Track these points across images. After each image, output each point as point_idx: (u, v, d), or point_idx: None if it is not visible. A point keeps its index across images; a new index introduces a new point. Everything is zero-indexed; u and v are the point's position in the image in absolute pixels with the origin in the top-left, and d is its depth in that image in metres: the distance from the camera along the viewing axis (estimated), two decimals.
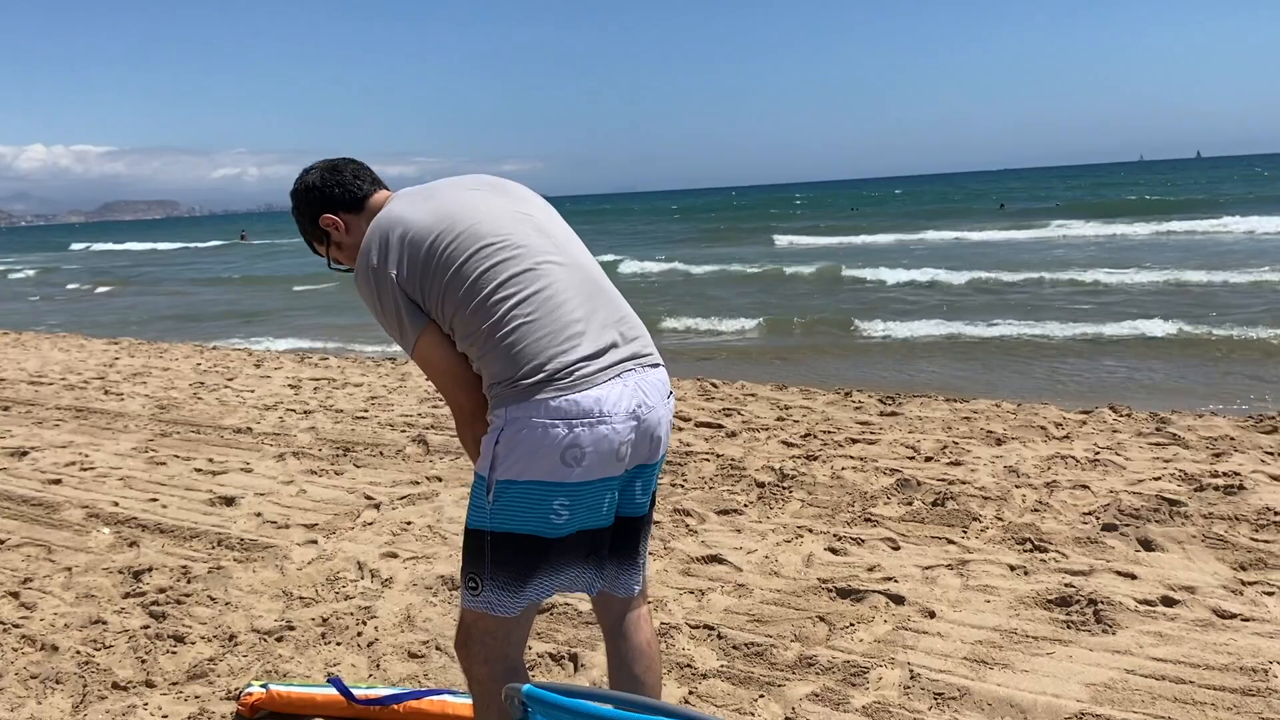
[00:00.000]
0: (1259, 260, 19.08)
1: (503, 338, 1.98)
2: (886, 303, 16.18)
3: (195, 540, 4.59)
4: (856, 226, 38.68)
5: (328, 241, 2.28)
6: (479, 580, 2.04)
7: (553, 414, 1.93)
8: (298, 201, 2.29)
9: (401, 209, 2.11)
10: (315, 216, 2.27)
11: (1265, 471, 4.93)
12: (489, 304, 1.99)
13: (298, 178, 2.31)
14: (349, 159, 2.30)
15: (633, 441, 2.02)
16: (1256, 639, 3.13)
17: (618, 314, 2.11)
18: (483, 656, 2.07)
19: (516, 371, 1.96)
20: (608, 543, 2.16)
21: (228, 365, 10.32)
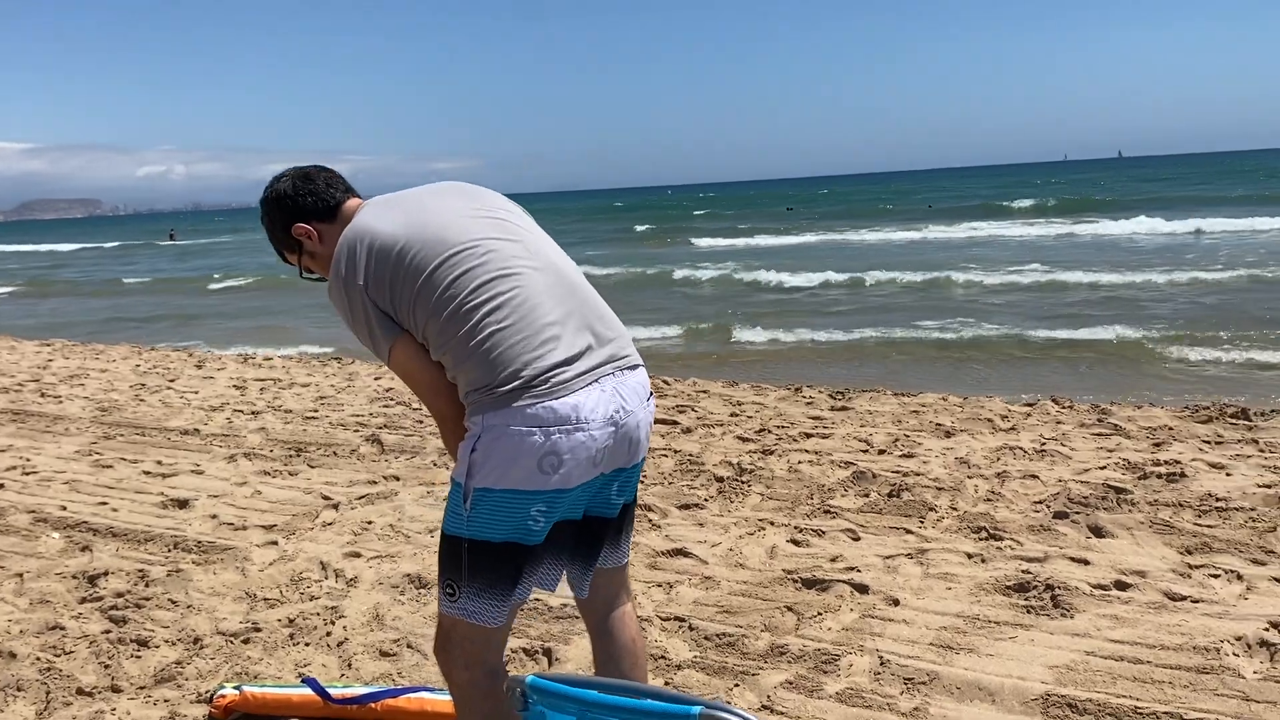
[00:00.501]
0: (1129, 261, 19.49)
1: (477, 345, 1.96)
2: (776, 306, 16.25)
3: (150, 543, 4.51)
4: (778, 228, 38.86)
5: (300, 250, 2.25)
6: (456, 586, 2.03)
7: (529, 421, 1.92)
8: (269, 210, 2.26)
9: (369, 219, 2.10)
10: (287, 225, 2.23)
11: (1204, 459, 5.11)
12: (461, 311, 1.98)
13: (268, 185, 2.28)
14: (320, 166, 2.28)
15: (610, 447, 2.02)
16: (1206, 619, 3.26)
17: (593, 315, 2.10)
18: (463, 661, 2.06)
19: (493, 378, 1.95)
20: (571, 538, 2.17)
21: (168, 366, 10.12)
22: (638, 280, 22.17)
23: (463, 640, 2.06)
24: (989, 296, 15.98)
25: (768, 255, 27.23)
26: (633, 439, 2.07)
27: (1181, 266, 17.65)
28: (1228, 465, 4.99)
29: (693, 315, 15.13)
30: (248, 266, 31.88)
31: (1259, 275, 15.92)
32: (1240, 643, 3.07)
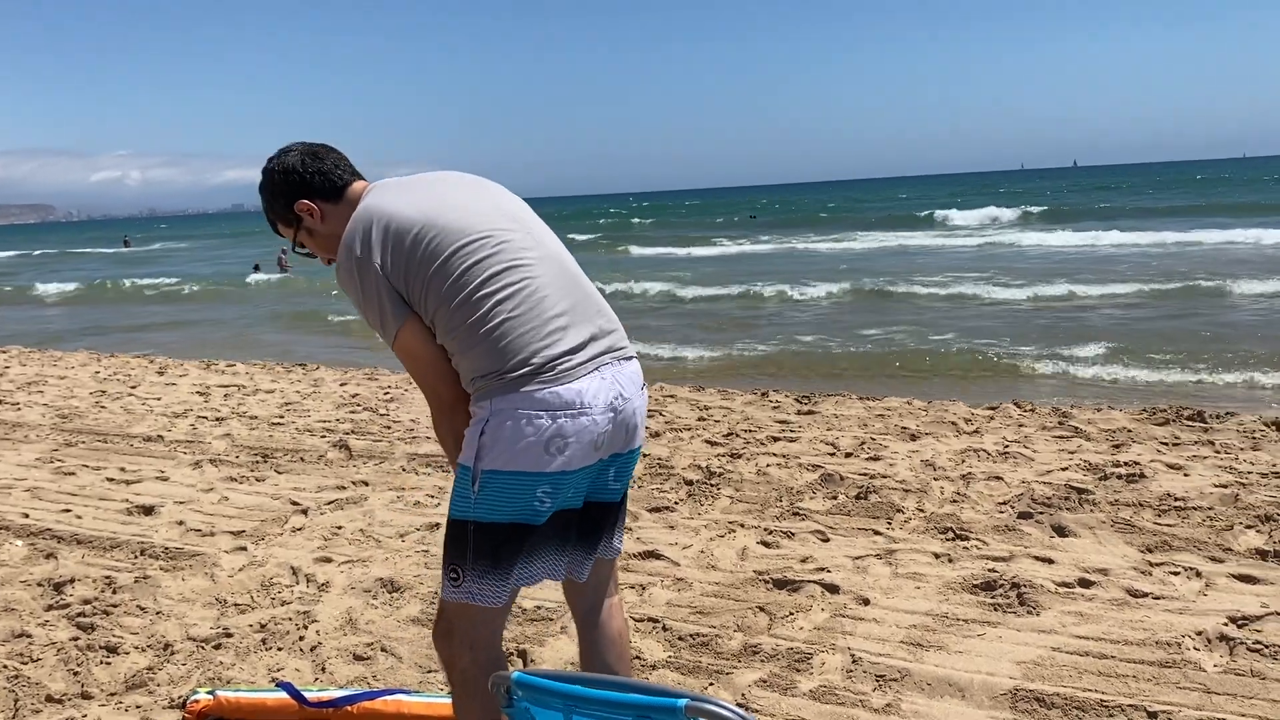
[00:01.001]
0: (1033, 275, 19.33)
1: (488, 333, 2.01)
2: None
3: (116, 550, 4.46)
4: (704, 239, 38.87)
5: (298, 226, 2.26)
6: (460, 570, 2.07)
7: (537, 405, 1.99)
8: (273, 181, 2.24)
9: (384, 201, 2.13)
10: (290, 200, 2.23)
11: (1162, 460, 5.23)
12: (473, 299, 2.03)
13: (274, 156, 2.27)
14: (329, 146, 2.29)
15: (609, 432, 2.08)
16: (1168, 615, 3.34)
17: (595, 308, 2.17)
18: (467, 645, 2.09)
19: (502, 365, 2.01)
20: (575, 526, 2.21)
21: (129, 373, 9.99)
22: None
23: (466, 624, 2.10)
24: (799, 310, 16.19)
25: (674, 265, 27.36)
26: (630, 424, 2.14)
27: (1053, 279, 17.63)
28: (1185, 466, 5.10)
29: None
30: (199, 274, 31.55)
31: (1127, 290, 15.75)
32: (1200, 637, 3.15)
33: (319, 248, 2.27)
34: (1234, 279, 15.57)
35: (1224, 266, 18.11)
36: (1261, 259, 19.69)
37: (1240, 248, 22.47)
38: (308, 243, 2.28)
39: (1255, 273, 16.42)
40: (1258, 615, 3.28)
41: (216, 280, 28.07)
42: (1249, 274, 16.18)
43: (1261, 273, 16.38)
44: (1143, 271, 18.50)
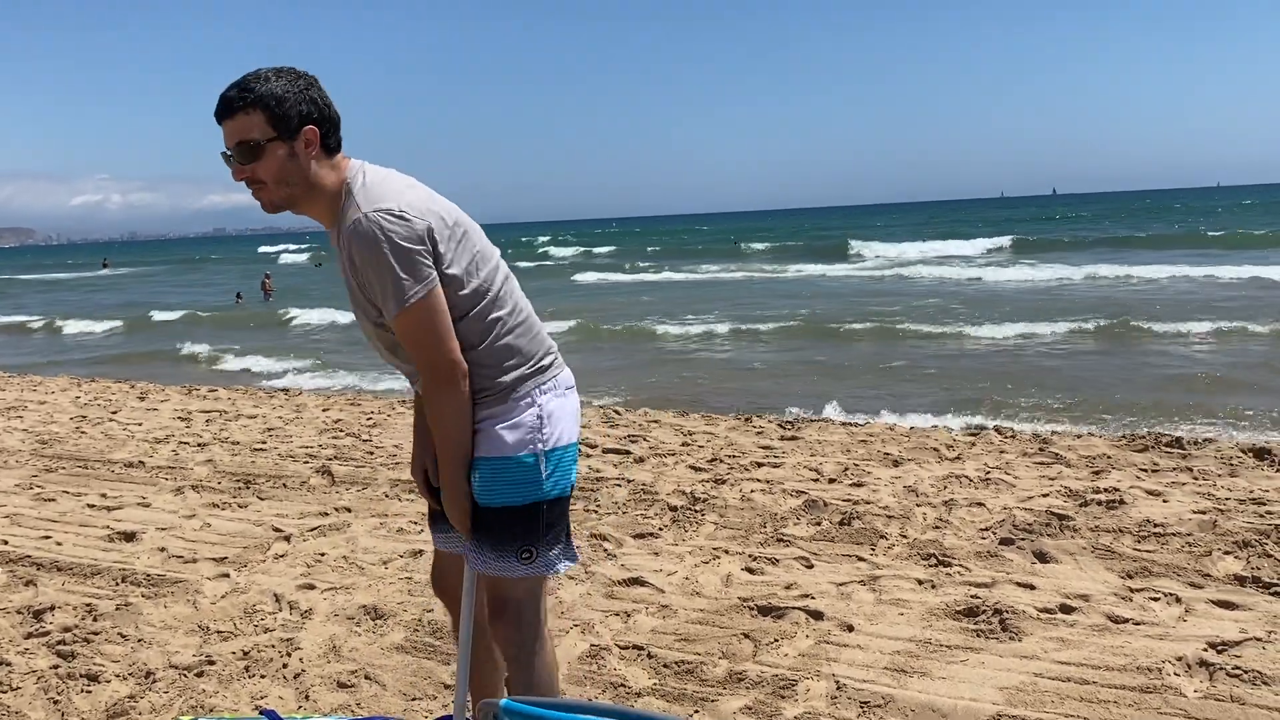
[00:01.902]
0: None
1: (514, 326, 2.23)
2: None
3: (97, 577, 4.43)
4: (656, 266, 39.34)
5: (286, 141, 2.09)
6: (534, 549, 2.23)
7: (567, 383, 2.32)
8: (301, 85, 2.11)
9: (425, 194, 2.19)
10: (305, 119, 2.10)
11: (1141, 487, 5.28)
12: (499, 297, 2.22)
13: (299, 71, 2.16)
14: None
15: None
16: (1148, 641, 3.37)
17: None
18: (535, 618, 2.28)
19: (536, 353, 2.26)
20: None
21: (110, 398, 9.94)
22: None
23: (534, 601, 2.28)
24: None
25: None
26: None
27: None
28: (1164, 492, 5.15)
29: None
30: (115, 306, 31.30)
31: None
32: (1181, 663, 3.18)
33: (278, 177, 2.10)
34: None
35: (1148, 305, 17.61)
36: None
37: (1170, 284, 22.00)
38: (271, 163, 2.09)
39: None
40: (1237, 641, 3.31)
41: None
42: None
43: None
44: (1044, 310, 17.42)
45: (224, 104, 2.09)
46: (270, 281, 30.82)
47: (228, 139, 2.10)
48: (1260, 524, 4.52)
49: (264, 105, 2.07)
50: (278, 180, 2.11)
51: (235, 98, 2.08)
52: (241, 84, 2.09)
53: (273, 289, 30.16)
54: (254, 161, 2.09)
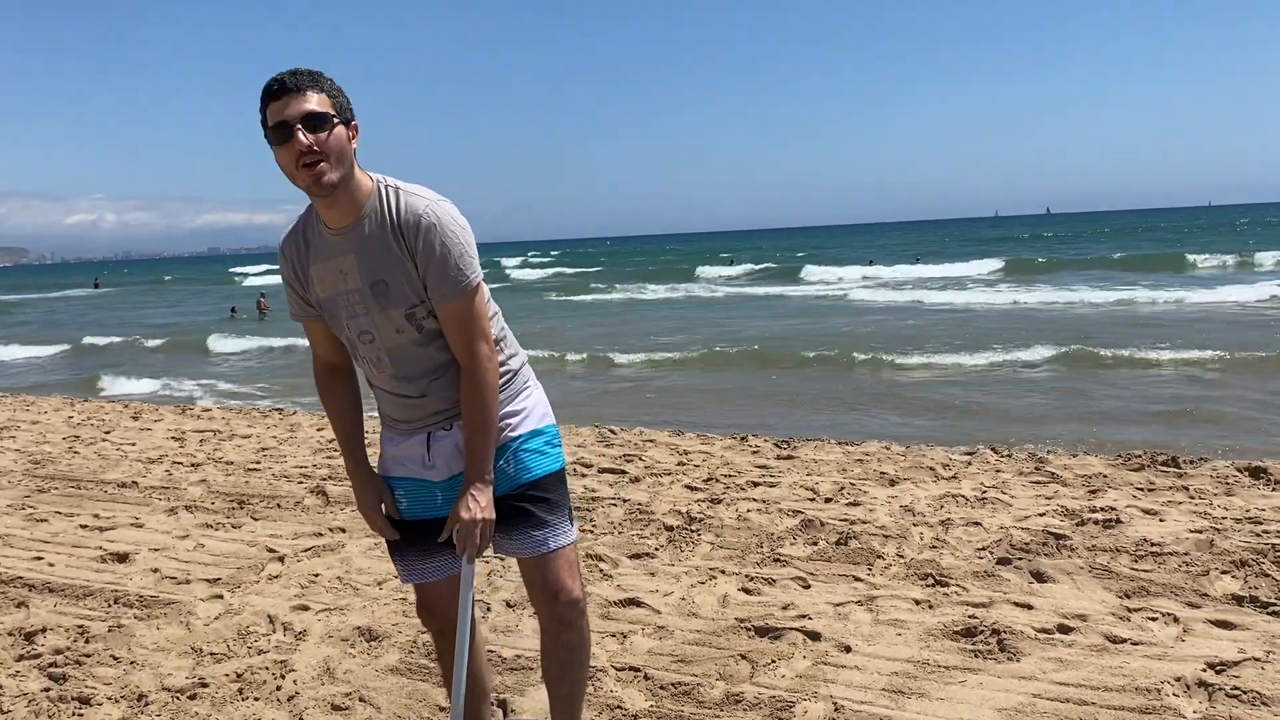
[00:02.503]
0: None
1: (504, 325, 2.48)
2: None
3: (90, 599, 4.40)
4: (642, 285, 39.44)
5: (349, 128, 2.18)
6: (571, 510, 2.49)
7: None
8: (340, 93, 2.19)
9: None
10: (351, 112, 2.21)
11: (1138, 506, 5.27)
12: (491, 298, 2.44)
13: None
14: None
15: None
16: (1147, 661, 3.36)
17: None
18: (583, 586, 2.50)
19: (520, 348, 2.53)
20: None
21: (103, 418, 9.90)
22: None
23: (578, 560, 2.51)
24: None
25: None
26: None
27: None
28: (1161, 511, 5.15)
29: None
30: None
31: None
32: (1179, 683, 3.16)
33: (339, 154, 2.13)
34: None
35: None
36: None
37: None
38: (336, 139, 2.12)
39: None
40: (1235, 661, 3.30)
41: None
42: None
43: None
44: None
45: (287, 82, 2.10)
46: (265, 301, 30.80)
47: (291, 111, 2.08)
48: (1257, 543, 4.51)
49: (327, 90, 2.14)
50: (339, 156, 2.13)
51: (303, 75, 2.12)
52: (300, 70, 2.14)
53: (268, 309, 30.14)
54: (322, 132, 2.10)
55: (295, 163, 2.09)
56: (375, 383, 2.41)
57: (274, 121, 2.09)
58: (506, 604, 4.12)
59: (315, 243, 2.29)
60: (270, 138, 2.11)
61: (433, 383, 2.33)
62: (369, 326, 2.28)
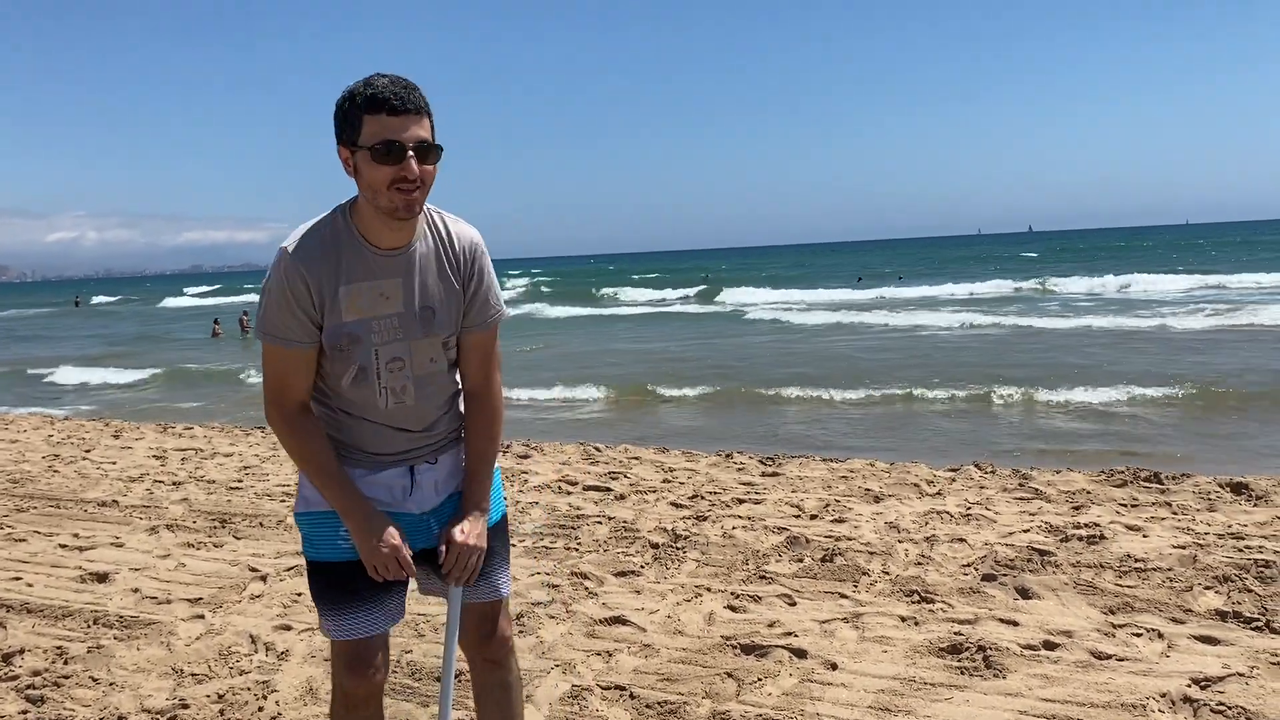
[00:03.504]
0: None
1: None
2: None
3: (69, 619, 4.35)
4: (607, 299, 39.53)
5: (435, 162, 2.07)
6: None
7: None
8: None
9: None
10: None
11: (1121, 521, 5.29)
12: None
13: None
14: None
15: None
16: (1132, 677, 3.36)
17: None
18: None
19: None
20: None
21: (83, 436, 9.82)
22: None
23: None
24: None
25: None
26: None
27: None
28: (1144, 527, 5.17)
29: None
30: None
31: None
32: (1165, 699, 3.17)
33: (428, 188, 2.08)
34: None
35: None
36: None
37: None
38: (435, 171, 2.07)
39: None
40: (1220, 676, 3.31)
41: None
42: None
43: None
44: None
45: (406, 100, 2.01)
46: (248, 319, 30.66)
47: (408, 134, 2.00)
48: (1239, 559, 4.53)
49: (431, 114, 2.08)
50: (429, 186, 2.08)
51: (418, 94, 2.04)
52: (412, 85, 2.05)
53: (250, 327, 29.99)
54: (429, 164, 2.05)
55: (389, 183, 2.01)
56: (367, 415, 2.21)
57: (384, 139, 1.98)
58: None
59: (353, 262, 2.12)
60: (371, 151, 1.99)
61: (444, 414, 2.30)
62: (403, 353, 2.18)
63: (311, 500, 2.23)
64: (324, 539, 2.23)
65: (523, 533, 5.51)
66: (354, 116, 2.00)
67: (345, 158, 2.06)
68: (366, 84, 2.01)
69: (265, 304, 2.12)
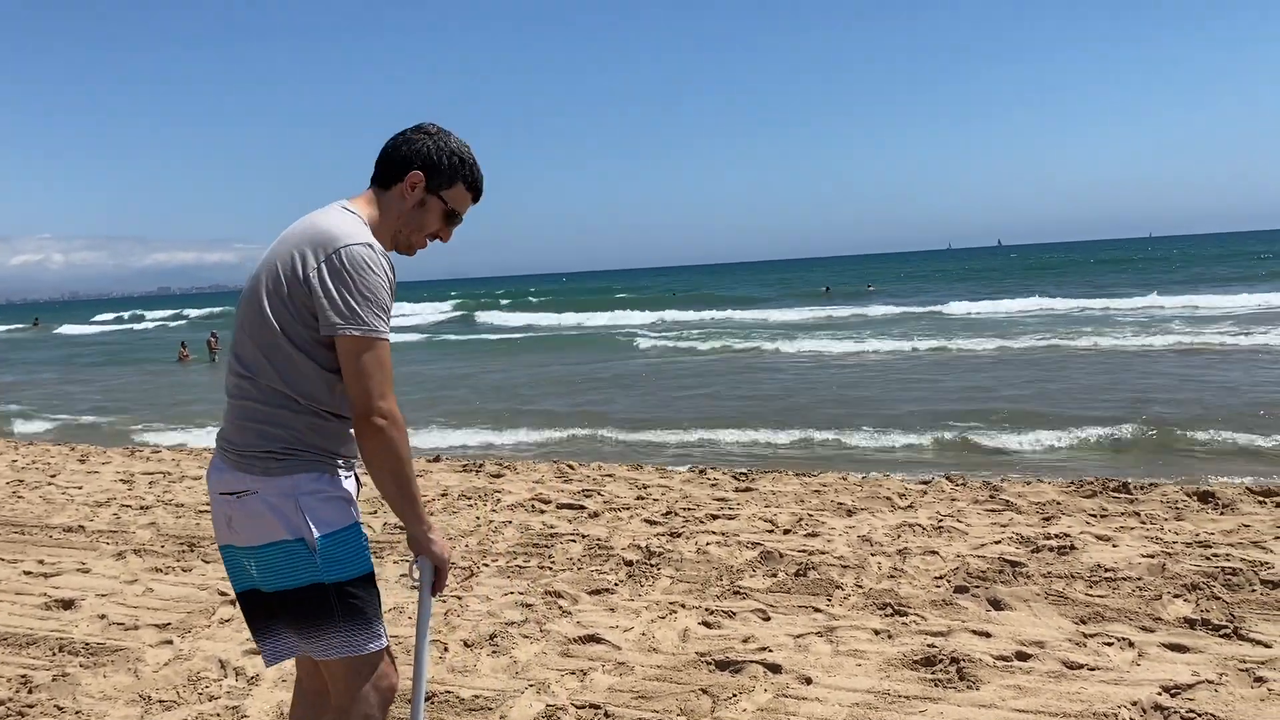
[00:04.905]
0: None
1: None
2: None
3: (33, 647, 4.27)
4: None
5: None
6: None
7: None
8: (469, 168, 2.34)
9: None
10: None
11: (1091, 532, 5.34)
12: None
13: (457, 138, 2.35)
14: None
15: (213, 514, 2.24)
16: (1104, 686, 3.38)
17: (241, 398, 2.19)
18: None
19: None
20: (256, 604, 2.25)
21: (48, 461, 9.67)
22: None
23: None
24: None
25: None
26: (218, 515, 2.23)
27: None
28: (1113, 537, 5.22)
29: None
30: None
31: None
32: (1136, 707, 3.19)
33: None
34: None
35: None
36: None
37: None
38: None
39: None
40: (1189, 684, 3.34)
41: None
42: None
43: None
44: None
45: (482, 191, 2.38)
46: (216, 341, 30.38)
47: (465, 209, 2.35)
48: (1207, 566, 4.59)
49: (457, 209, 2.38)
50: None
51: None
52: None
53: (219, 348, 29.70)
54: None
55: (430, 234, 2.33)
56: (344, 415, 2.24)
57: (458, 210, 2.33)
58: (464, 644, 4.06)
59: None
60: (446, 212, 2.31)
61: None
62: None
63: (333, 521, 2.17)
64: (362, 549, 2.22)
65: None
66: (455, 179, 2.30)
67: (419, 191, 2.27)
68: (476, 166, 2.34)
69: (378, 297, 2.11)
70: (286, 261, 2.14)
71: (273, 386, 2.14)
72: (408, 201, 2.26)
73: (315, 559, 2.12)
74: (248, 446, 2.15)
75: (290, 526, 2.11)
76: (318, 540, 2.12)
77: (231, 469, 2.17)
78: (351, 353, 2.08)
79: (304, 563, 2.12)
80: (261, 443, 2.14)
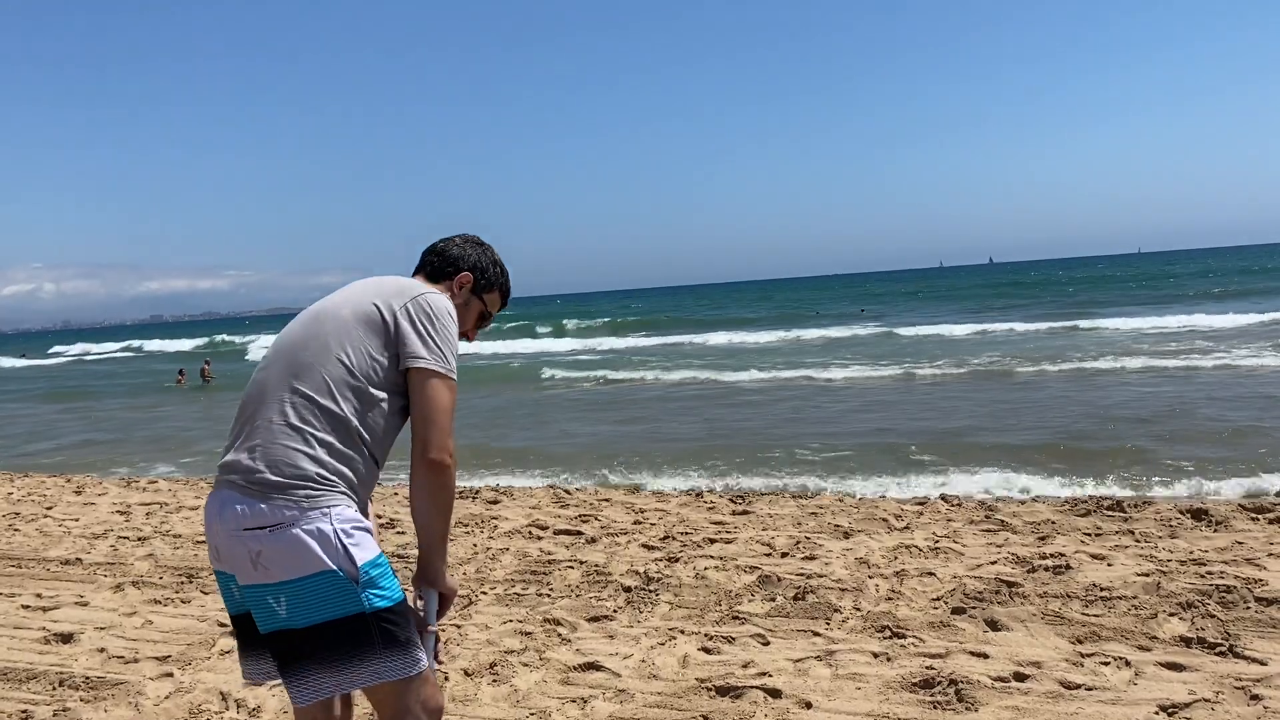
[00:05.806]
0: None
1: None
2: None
3: (33, 682, 4.27)
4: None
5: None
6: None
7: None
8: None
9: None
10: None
11: (1086, 551, 5.37)
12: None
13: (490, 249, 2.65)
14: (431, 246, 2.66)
15: (213, 546, 2.25)
16: (1101, 706, 3.41)
17: (261, 428, 2.23)
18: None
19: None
20: (245, 632, 2.31)
21: (44, 493, 9.66)
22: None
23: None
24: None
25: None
26: (218, 549, 2.23)
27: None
28: (1108, 556, 5.25)
29: None
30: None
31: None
32: None
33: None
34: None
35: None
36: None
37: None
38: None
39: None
40: (1186, 703, 3.36)
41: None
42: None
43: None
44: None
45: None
46: (209, 369, 30.37)
47: (496, 312, 2.65)
48: (1202, 584, 4.62)
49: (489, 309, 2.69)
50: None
51: None
52: None
53: (212, 376, 29.70)
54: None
55: (471, 328, 2.60)
56: (380, 460, 2.34)
57: (492, 314, 2.65)
58: (465, 673, 4.08)
59: None
60: (483, 313, 2.61)
61: None
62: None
63: (370, 549, 2.20)
64: (394, 577, 2.25)
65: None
66: (494, 286, 2.61)
67: (465, 290, 2.55)
68: (509, 278, 2.67)
69: (454, 345, 2.34)
70: (361, 303, 2.30)
71: (338, 418, 2.21)
72: (456, 298, 2.50)
73: (356, 588, 2.14)
74: (285, 476, 2.16)
75: (334, 556, 2.13)
76: (360, 569, 2.15)
77: (255, 500, 2.16)
78: (428, 388, 2.23)
79: (346, 593, 2.14)
80: (307, 469, 2.17)
